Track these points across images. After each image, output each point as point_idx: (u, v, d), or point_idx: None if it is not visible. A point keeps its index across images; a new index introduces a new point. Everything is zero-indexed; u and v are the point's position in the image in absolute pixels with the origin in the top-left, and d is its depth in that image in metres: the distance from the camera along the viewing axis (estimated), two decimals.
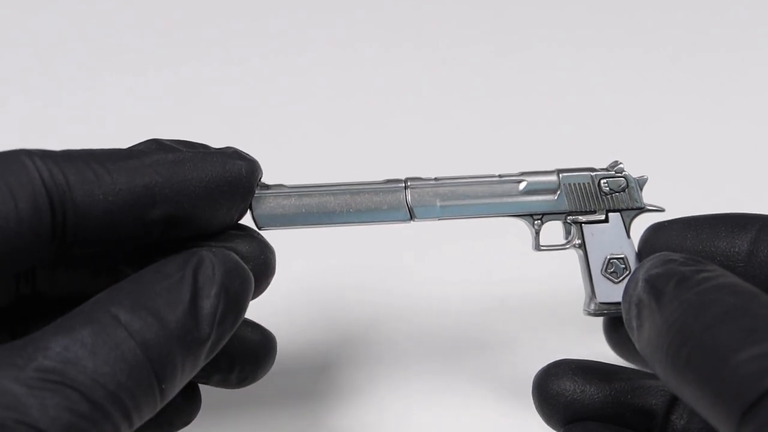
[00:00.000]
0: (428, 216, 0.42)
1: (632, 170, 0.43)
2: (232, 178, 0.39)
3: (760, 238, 0.38)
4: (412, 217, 0.42)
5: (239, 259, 0.39)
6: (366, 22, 0.75)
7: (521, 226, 0.43)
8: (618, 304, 0.41)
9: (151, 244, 0.39)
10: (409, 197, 0.42)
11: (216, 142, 0.41)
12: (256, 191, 0.41)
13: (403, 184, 0.42)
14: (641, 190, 0.42)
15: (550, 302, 0.52)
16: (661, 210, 0.42)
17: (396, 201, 0.42)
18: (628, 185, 0.42)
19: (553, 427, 0.41)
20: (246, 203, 0.40)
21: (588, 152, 0.60)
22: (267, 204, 0.42)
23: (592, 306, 0.42)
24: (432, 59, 0.72)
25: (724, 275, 0.35)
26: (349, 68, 0.71)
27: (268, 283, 0.41)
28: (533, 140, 0.64)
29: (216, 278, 0.37)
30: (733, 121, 0.65)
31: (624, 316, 0.37)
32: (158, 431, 0.42)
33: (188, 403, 0.42)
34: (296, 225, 0.42)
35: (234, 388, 0.43)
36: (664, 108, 0.66)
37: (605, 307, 0.41)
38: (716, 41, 0.71)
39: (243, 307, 0.38)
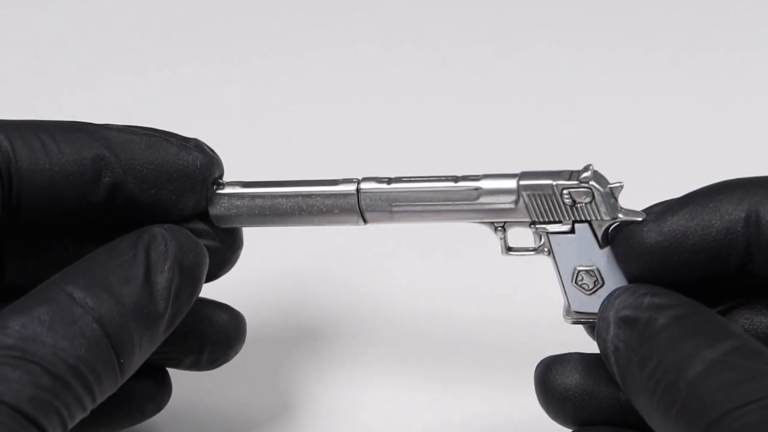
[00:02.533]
0: (380, 220, 0.40)
1: (632, 170, 0.41)
2: (183, 166, 0.40)
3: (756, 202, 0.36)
4: (365, 221, 0.41)
5: (191, 234, 0.39)
6: (366, 22, 0.76)
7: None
8: (594, 314, 0.39)
9: (114, 226, 0.40)
10: (360, 201, 0.40)
11: (215, 143, 0.42)
12: (214, 189, 0.41)
13: (355, 187, 0.40)
14: (616, 198, 0.38)
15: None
16: (638, 219, 0.37)
17: (347, 205, 0.40)
18: (594, 198, 0.38)
19: (562, 425, 0.39)
20: (196, 196, 0.40)
21: (588, 152, 0.60)
22: (221, 203, 0.41)
23: (570, 314, 0.40)
24: (432, 59, 0.72)
25: (692, 312, 0.34)
26: (349, 68, 0.71)
27: (232, 263, 0.42)
28: (533, 140, 0.64)
29: (169, 253, 0.37)
30: (734, 121, 0.64)
31: (603, 358, 0.37)
32: (129, 420, 0.42)
33: (158, 389, 0.43)
34: (251, 225, 0.41)
35: (205, 369, 0.43)
36: (664, 108, 0.66)
37: (581, 315, 0.39)
38: (716, 41, 0.71)
39: (198, 281, 0.39)
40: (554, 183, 0.38)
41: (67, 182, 0.38)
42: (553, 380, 0.38)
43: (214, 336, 0.42)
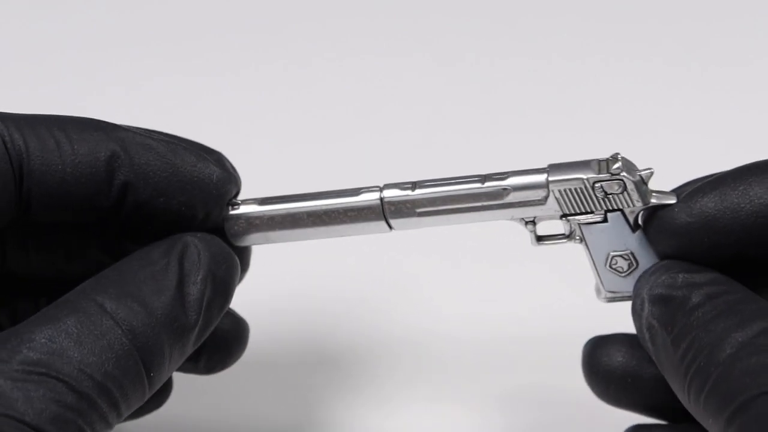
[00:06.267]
0: (408, 227, 0.40)
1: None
2: (198, 178, 0.38)
3: None
4: (390, 227, 0.40)
5: (224, 244, 0.38)
6: (365, 28, 0.75)
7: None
8: (629, 292, 0.39)
9: (122, 229, 0.39)
10: (385, 210, 0.39)
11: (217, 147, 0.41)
12: (229, 209, 0.40)
13: (378, 196, 0.39)
14: (646, 184, 0.38)
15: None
16: (671, 203, 0.37)
17: (372, 215, 0.39)
18: (626, 188, 0.38)
19: (609, 404, 0.39)
20: (208, 211, 0.39)
21: (589, 155, 0.59)
22: (238, 224, 0.40)
23: (603, 294, 0.40)
24: (430, 65, 0.72)
25: (725, 291, 0.34)
26: (349, 74, 0.71)
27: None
28: (533, 144, 0.63)
29: (202, 263, 0.36)
30: (735, 128, 0.64)
31: (639, 336, 0.37)
32: (128, 416, 0.42)
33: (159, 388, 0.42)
34: (271, 242, 0.40)
35: (204, 374, 0.42)
36: (667, 113, 0.65)
37: (616, 294, 0.39)
38: (718, 49, 0.71)
39: (230, 292, 0.38)
40: (585, 177, 0.38)
41: (78, 183, 0.37)
42: (597, 361, 0.39)
43: (213, 342, 0.41)
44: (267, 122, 0.67)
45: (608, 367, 0.38)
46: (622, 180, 0.38)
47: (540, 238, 0.40)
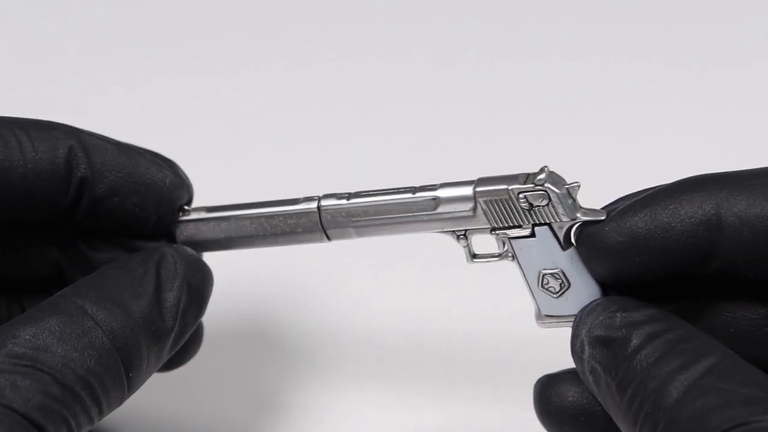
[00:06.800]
0: (344, 237, 0.41)
1: (619, 178, 0.40)
2: (151, 181, 0.40)
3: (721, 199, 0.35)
4: (328, 238, 0.41)
5: (199, 256, 0.40)
6: (365, 28, 0.75)
7: None
8: (563, 317, 0.38)
9: (77, 230, 0.41)
10: (322, 219, 0.40)
11: (211, 150, 0.41)
12: (180, 215, 0.41)
13: (316, 205, 0.41)
14: (574, 198, 0.38)
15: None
16: (600, 220, 0.37)
17: (310, 223, 0.41)
18: (550, 200, 0.38)
19: None
20: (160, 214, 0.41)
21: (588, 154, 0.60)
22: (187, 230, 0.42)
23: (540, 318, 0.39)
24: (430, 65, 0.72)
25: (665, 329, 0.34)
26: (349, 74, 0.71)
27: None
28: (533, 144, 0.63)
29: (178, 272, 0.38)
30: (735, 128, 0.64)
31: (582, 378, 0.37)
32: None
33: None
34: (217, 249, 0.42)
35: (161, 371, 0.43)
36: (667, 113, 0.65)
37: (552, 319, 0.39)
38: (718, 49, 0.71)
39: (204, 301, 0.40)
40: (509, 188, 0.38)
41: (39, 179, 0.38)
42: (549, 401, 0.38)
43: None
44: (267, 122, 0.67)
45: (560, 407, 0.38)
46: (545, 191, 0.37)
47: (474, 256, 0.40)
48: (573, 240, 0.38)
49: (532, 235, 0.38)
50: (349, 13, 0.76)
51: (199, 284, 0.39)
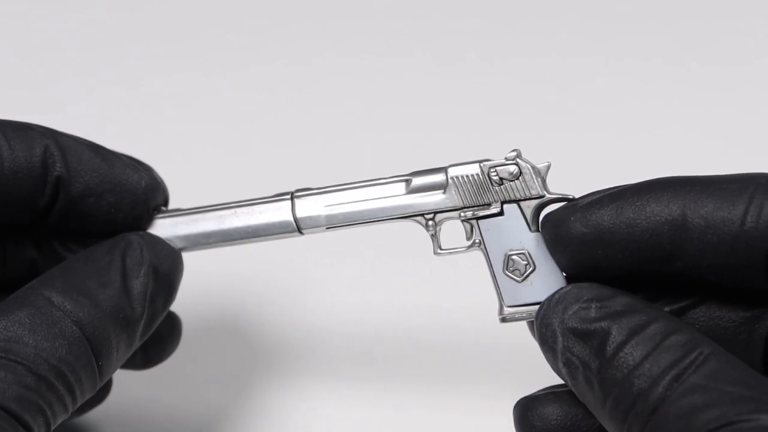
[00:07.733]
0: (315, 225, 0.41)
1: (619, 177, 0.39)
2: (126, 182, 0.40)
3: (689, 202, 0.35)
4: (299, 229, 0.41)
5: (167, 242, 0.41)
6: (365, 28, 0.75)
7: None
8: (526, 305, 0.39)
9: (52, 231, 0.41)
10: (295, 209, 0.41)
11: (211, 149, 0.41)
12: (155, 215, 0.42)
13: (289, 197, 0.41)
14: (543, 177, 0.39)
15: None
16: (568, 198, 0.38)
17: (282, 214, 0.41)
18: (521, 173, 0.39)
19: None
20: (135, 215, 0.41)
21: (588, 154, 0.60)
22: (163, 229, 0.42)
23: (504, 311, 0.39)
24: (430, 65, 0.72)
25: (645, 322, 0.34)
26: (349, 74, 0.71)
27: None
28: (533, 144, 0.62)
29: (144, 259, 0.39)
30: (730, 132, 0.64)
31: (553, 368, 0.36)
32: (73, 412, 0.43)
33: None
34: (196, 247, 0.42)
35: (140, 369, 0.44)
36: (667, 113, 0.65)
37: (514, 311, 0.39)
38: (718, 49, 0.71)
39: (173, 287, 0.40)
40: (480, 163, 0.40)
41: (16, 179, 0.38)
42: (531, 425, 0.37)
43: (149, 337, 0.42)
44: (267, 122, 0.67)
45: (544, 431, 0.37)
46: (516, 164, 0.39)
47: (441, 248, 0.41)
48: (540, 227, 0.39)
49: (501, 213, 0.39)
50: (349, 13, 0.76)
51: (168, 270, 0.39)
